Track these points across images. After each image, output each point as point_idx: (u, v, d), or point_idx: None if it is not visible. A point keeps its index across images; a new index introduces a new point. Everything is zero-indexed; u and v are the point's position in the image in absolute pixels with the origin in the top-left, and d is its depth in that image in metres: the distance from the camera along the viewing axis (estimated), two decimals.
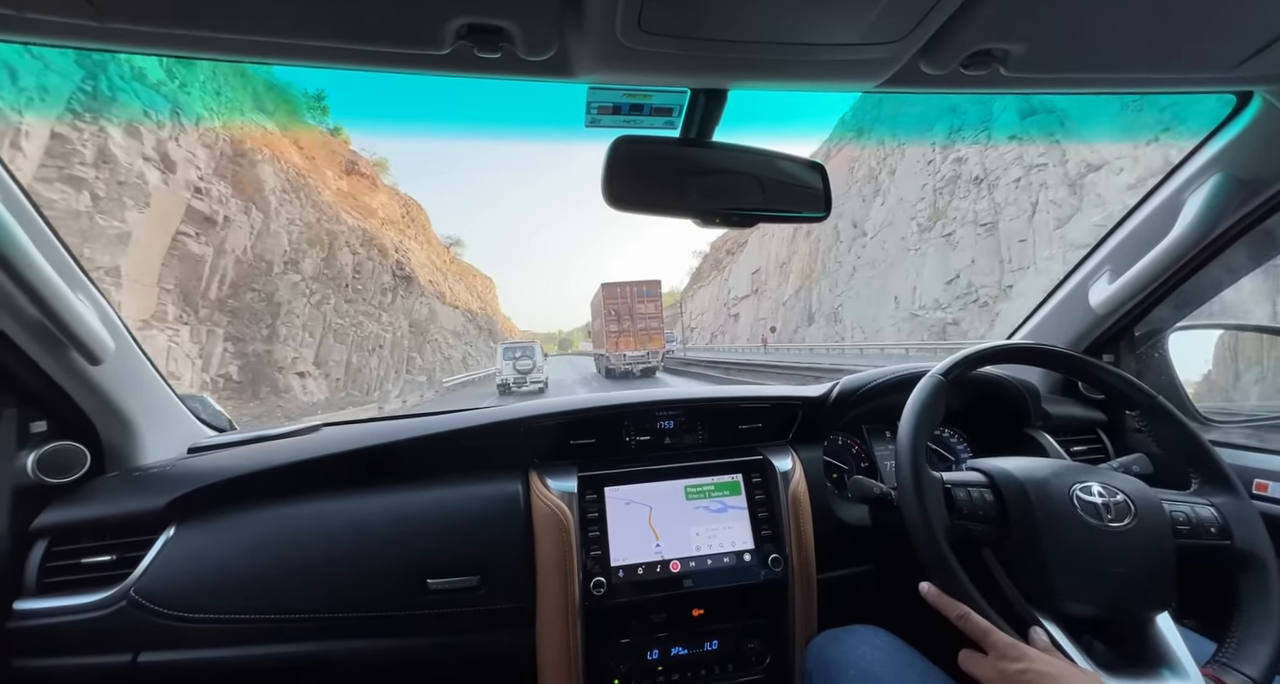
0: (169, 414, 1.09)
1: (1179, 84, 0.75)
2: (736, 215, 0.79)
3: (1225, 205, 0.90)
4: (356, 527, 0.91)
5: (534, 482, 0.98)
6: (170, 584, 0.84)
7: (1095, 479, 0.76)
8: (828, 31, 0.57)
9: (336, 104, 68.89)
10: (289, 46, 0.56)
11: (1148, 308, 1.17)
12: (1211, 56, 0.68)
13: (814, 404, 1.14)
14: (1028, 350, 0.92)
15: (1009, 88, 0.72)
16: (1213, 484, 0.80)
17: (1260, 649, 0.66)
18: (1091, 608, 0.70)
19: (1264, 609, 0.69)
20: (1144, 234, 1.04)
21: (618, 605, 0.91)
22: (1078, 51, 0.65)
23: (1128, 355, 1.28)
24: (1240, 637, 0.68)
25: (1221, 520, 0.76)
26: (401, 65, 0.60)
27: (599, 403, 1.09)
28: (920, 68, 0.65)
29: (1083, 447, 1.22)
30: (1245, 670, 0.65)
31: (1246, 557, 0.74)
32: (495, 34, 0.55)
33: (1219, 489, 0.79)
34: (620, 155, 0.71)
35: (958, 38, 0.59)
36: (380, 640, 0.90)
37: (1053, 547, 0.71)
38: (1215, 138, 0.90)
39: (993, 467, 0.80)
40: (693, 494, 1.01)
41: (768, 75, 0.67)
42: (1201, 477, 0.82)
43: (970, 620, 0.65)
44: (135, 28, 0.51)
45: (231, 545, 0.88)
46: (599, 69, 0.63)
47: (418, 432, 1.02)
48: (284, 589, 0.87)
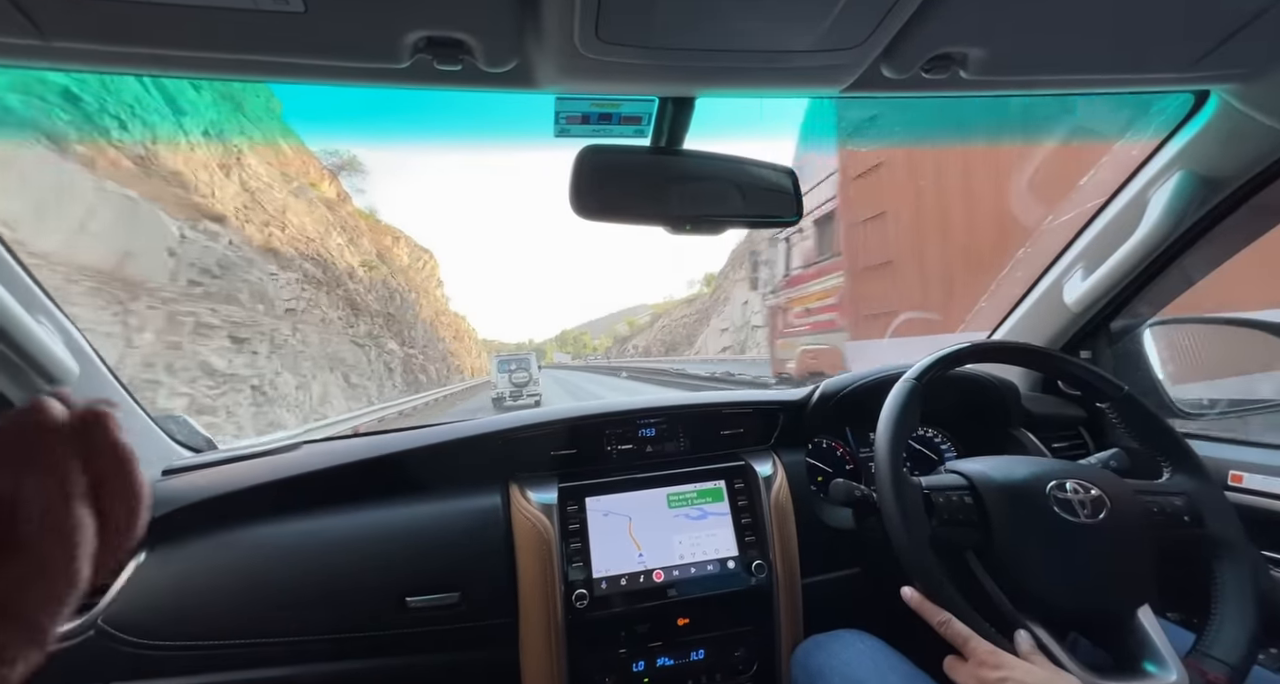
0: (140, 436, 1.07)
1: (1138, 84, 0.77)
2: (707, 222, 0.79)
3: (1189, 202, 0.92)
4: (333, 546, 0.89)
5: (514, 494, 0.97)
6: (141, 612, 0.82)
7: (1070, 476, 0.77)
8: (786, 38, 0.57)
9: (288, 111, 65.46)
10: (242, 62, 0.55)
11: (1121, 303, 1.18)
12: (1169, 56, 0.70)
13: (796, 407, 1.14)
14: (997, 348, 0.92)
15: (970, 90, 0.73)
16: (1184, 473, 0.81)
17: (1236, 634, 0.67)
18: (1073, 606, 0.70)
19: (1237, 594, 0.70)
20: (1113, 232, 1.06)
21: (601, 618, 0.90)
22: (1037, 53, 0.66)
23: (1105, 351, 1.29)
24: (1218, 624, 0.69)
25: (1193, 508, 0.77)
26: (360, 79, 0.60)
27: (579, 412, 1.08)
28: (882, 72, 0.65)
29: (1064, 443, 1.23)
30: (1222, 657, 0.65)
31: (1219, 543, 0.74)
32: (455, 47, 0.55)
33: (1190, 477, 0.80)
34: (587, 165, 0.71)
35: (917, 42, 0.60)
36: (359, 662, 0.88)
37: (1032, 547, 0.71)
38: (1176, 136, 0.92)
39: (971, 469, 0.80)
40: (675, 502, 1.00)
41: (732, 82, 0.67)
42: (1173, 466, 0.83)
43: (951, 627, 0.65)
44: (82, 46, 0.50)
45: (204, 569, 0.86)
46: (562, 79, 0.63)
47: (397, 447, 1.01)
48: (259, 612, 0.85)
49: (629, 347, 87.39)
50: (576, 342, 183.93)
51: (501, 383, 17.51)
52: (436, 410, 16.87)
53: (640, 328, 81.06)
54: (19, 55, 0.51)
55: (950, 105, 0.87)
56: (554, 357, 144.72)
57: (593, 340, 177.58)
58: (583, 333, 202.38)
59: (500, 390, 17.37)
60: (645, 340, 70.60)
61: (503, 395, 17.20)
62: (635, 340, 76.35)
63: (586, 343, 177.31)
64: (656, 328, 70.30)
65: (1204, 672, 0.65)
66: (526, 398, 17.00)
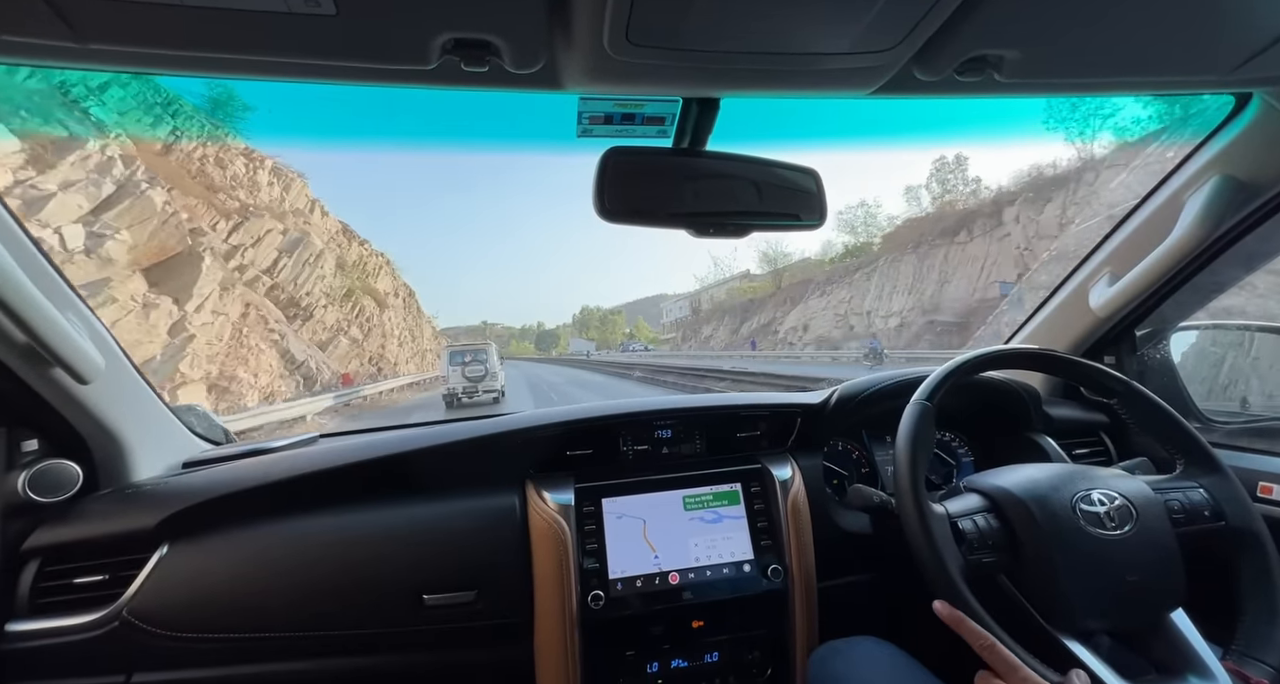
0: (162, 429, 1.08)
1: (1177, 86, 0.75)
2: (731, 225, 0.78)
3: (1226, 207, 0.90)
4: (351, 542, 0.90)
5: (530, 494, 0.97)
6: (164, 603, 0.83)
7: (1095, 487, 0.75)
8: (819, 41, 0.56)
9: (315, 114, 59.71)
10: (273, 64, 0.55)
11: (1149, 309, 1.16)
12: (1210, 58, 0.67)
13: (813, 411, 1.13)
14: (1002, 357, 0.90)
15: (1004, 93, 0.71)
16: (1197, 465, 0.80)
17: (1272, 632, 0.65)
18: (1107, 620, 0.69)
19: (1268, 589, 0.69)
20: (1144, 236, 1.04)
21: (616, 618, 0.90)
22: (1073, 55, 0.65)
23: (1129, 357, 1.27)
24: (1250, 622, 0.68)
25: (1212, 502, 0.76)
26: (388, 80, 0.60)
27: (596, 412, 1.08)
28: (914, 74, 0.64)
29: (1085, 450, 1.21)
30: (1263, 657, 0.64)
31: (1241, 535, 0.73)
32: (482, 48, 0.54)
33: (1203, 469, 0.79)
34: (612, 166, 0.70)
35: (951, 44, 0.59)
36: (376, 658, 0.89)
37: (1063, 564, 0.70)
38: (1214, 139, 0.89)
39: (991, 487, 0.78)
40: (691, 504, 1.00)
41: (759, 84, 0.66)
42: (1185, 458, 0.81)
43: (997, 653, 0.63)
44: (116, 48, 0.51)
45: (226, 563, 0.87)
46: (588, 81, 0.63)
47: (414, 443, 1.01)
48: (279, 607, 0.86)
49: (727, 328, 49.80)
50: (605, 324, 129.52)
51: (454, 378, 15.42)
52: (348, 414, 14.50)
53: (760, 294, 49.57)
54: (55, 57, 0.52)
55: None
56: (568, 346, 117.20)
57: (632, 325, 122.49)
58: (613, 314, 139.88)
59: (452, 386, 15.35)
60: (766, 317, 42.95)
61: (454, 392, 15.23)
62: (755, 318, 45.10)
63: (617, 326, 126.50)
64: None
65: (1247, 676, 0.63)
66: (483, 394, 15.13)
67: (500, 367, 16.63)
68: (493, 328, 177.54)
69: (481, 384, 15.25)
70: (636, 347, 74.58)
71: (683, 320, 75.98)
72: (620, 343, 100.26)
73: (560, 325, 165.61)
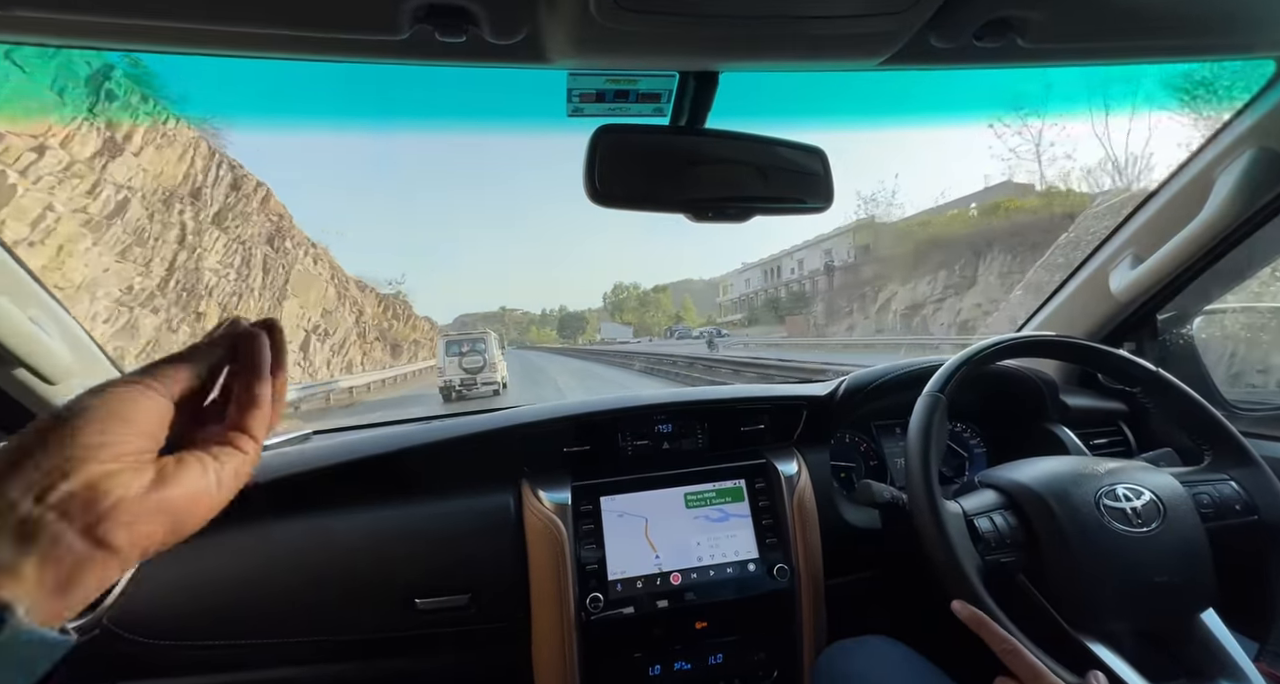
0: None
1: (1214, 51, 0.69)
2: (733, 208, 0.73)
3: (1262, 182, 0.84)
4: (341, 545, 0.87)
5: (526, 494, 0.94)
6: (146, 610, 0.80)
7: (1120, 481, 0.71)
8: (824, 2, 0.51)
9: (315, 94, 57.36)
10: (230, 35, 0.51)
11: (1173, 293, 1.10)
12: (1253, 20, 0.62)
13: (820, 403, 1.09)
14: (1019, 345, 0.86)
15: (1026, 61, 0.66)
16: (1227, 456, 0.76)
17: None
18: (1135, 622, 0.65)
19: None
20: (1170, 215, 0.98)
21: (616, 620, 0.87)
22: (1103, 17, 0.59)
23: (1150, 342, 1.21)
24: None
25: (1244, 494, 0.72)
26: (357, 53, 0.55)
27: (592, 407, 1.04)
28: (929, 41, 0.59)
29: (1104, 440, 1.17)
30: None
31: (1276, 530, 0.69)
32: (458, 15, 0.50)
33: (1234, 460, 0.75)
34: (603, 145, 0.66)
35: (970, 5, 0.53)
36: (368, 663, 0.86)
37: (1087, 564, 0.66)
38: (1250, 110, 0.83)
39: (1009, 482, 0.75)
40: (693, 502, 0.96)
41: (760, 55, 0.61)
42: (1214, 449, 0.77)
43: (1021, 657, 0.60)
44: (42, 15, 0.46)
45: (211, 567, 0.84)
46: (576, 52, 0.58)
47: (408, 441, 0.98)
48: (266, 612, 0.83)
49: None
50: (646, 306, 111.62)
51: (450, 369, 14.20)
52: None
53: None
54: None
55: None
56: (596, 333, 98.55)
57: (682, 307, 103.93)
58: (655, 292, 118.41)
59: (449, 378, 14.12)
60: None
61: (451, 384, 14.01)
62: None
63: (661, 308, 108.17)
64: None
65: (1278, 677, 0.60)
66: (482, 387, 14.02)
67: (501, 357, 15.74)
68: (511, 313, 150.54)
69: (480, 376, 14.23)
70: (709, 332, 43.86)
71: (749, 297, 60.11)
72: (668, 328, 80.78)
73: (589, 309, 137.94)
